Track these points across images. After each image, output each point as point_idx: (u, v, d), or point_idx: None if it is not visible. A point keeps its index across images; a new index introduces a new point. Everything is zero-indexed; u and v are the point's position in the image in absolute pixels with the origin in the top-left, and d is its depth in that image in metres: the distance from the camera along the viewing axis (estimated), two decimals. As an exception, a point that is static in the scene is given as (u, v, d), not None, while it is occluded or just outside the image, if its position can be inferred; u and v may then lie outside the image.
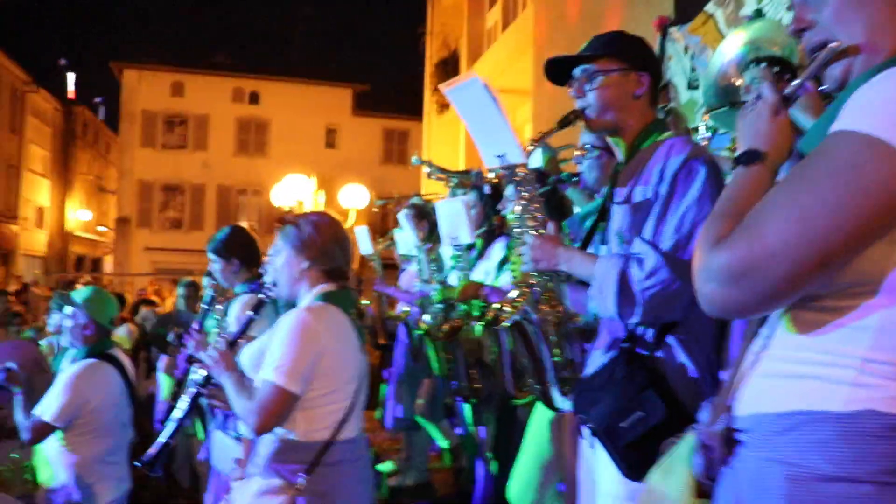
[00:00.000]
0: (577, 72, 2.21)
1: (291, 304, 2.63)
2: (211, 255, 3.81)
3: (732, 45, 4.50)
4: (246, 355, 2.83)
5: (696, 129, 3.96)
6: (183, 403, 2.83)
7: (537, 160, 3.91)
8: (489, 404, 3.54)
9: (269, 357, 2.38)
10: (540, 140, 2.23)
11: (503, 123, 2.10)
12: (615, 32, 2.33)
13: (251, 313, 2.69)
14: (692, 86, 7.00)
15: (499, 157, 2.15)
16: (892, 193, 1.01)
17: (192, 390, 2.79)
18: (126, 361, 4.08)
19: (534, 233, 2.18)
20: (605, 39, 2.26)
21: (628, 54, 2.21)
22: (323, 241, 2.56)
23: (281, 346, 2.36)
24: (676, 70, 7.10)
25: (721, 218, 1.17)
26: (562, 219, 3.44)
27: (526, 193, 2.19)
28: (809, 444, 1.07)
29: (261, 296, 2.71)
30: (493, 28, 16.69)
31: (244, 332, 2.72)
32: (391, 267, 5.90)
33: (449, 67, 18.05)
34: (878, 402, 1.05)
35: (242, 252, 3.77)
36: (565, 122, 2.21)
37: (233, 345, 2.68)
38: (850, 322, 1.09)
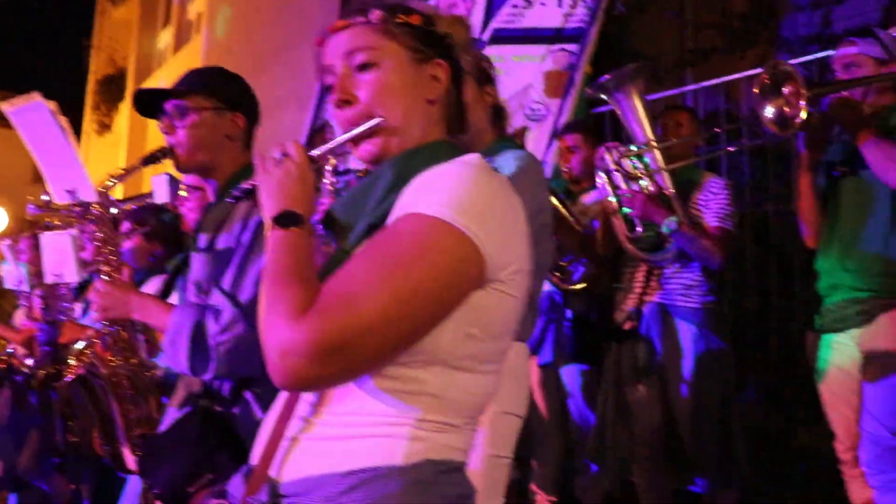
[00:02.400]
0: (168, 106, 2.08)
1: None
2: None
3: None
4: None
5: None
6: None
7: (164, 194, 3.68)
8: (88, 461, 3.19)
9: None
10: (121, 177, 2.06)
11: (72, 156, 1.89)
12: (212, 68, 2.24)
13: None
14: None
15: (69, 191, 1.94)
16: (458, 271, 1.12)
17: None
18: None
19: (105, 278, 1.99)
20: (201, 75, 2.16)
21: (224, 93, 2.12)
22: None
23: None
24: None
25: (291, 285, 1.14)
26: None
27: (101, 235, 2.00)
28: (378, 498, 1.13)
29: None
30: (165, 50, 16.00)
31: None
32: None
33: (114, 85, 16.92)
34: (432, 452, 1.16)
35: None
36: (151, 159, 2.08)
37: None
38: (408, 389, 1.16)
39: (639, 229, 3.17)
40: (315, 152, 1.30)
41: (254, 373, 1.88)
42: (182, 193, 2.55)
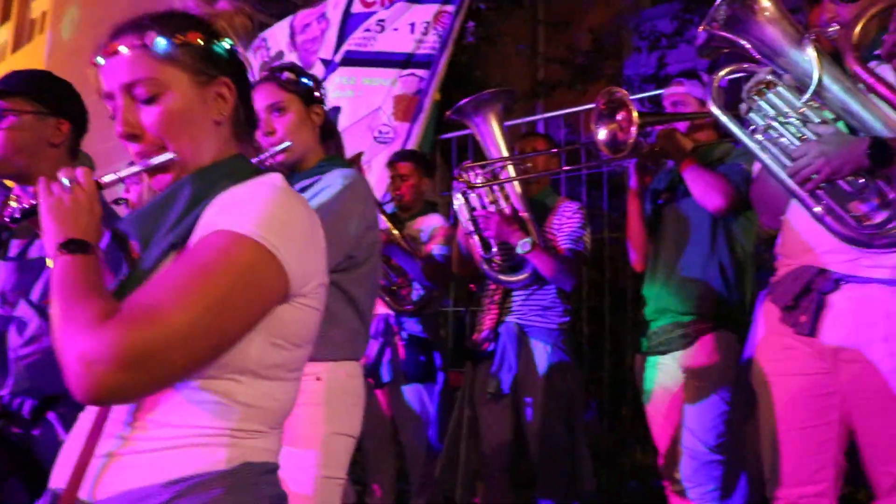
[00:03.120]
0: None
1: None
2: None
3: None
4: None
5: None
6: None
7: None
8: None
9: None
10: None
11: None
12: (39, 71, 2.18)
13: None
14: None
15: None
16: (264, 286, 1.17)
17: None
18: None
19: None
20: (24, 77, 2.10)
21: (48, 98, 2.06)
22: None
23: None
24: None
25: (87, 297, 1.13)
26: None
27: None
28: (203, 503, 1.14)
29: None
30: (2, 48, 15.08)
31: None
32: None
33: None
34: (250, 456, 1.20)
35: None
36: None
37: None
38: (222, 399, 1.18)
39: (494, 250, 3.22)
40: (104, 180, 1.29)
41: (58, 390, 1.77)
42: (13, 204, 2.38)
